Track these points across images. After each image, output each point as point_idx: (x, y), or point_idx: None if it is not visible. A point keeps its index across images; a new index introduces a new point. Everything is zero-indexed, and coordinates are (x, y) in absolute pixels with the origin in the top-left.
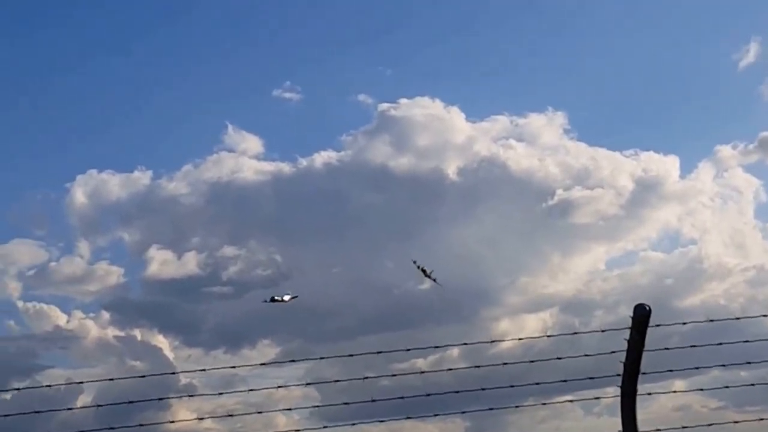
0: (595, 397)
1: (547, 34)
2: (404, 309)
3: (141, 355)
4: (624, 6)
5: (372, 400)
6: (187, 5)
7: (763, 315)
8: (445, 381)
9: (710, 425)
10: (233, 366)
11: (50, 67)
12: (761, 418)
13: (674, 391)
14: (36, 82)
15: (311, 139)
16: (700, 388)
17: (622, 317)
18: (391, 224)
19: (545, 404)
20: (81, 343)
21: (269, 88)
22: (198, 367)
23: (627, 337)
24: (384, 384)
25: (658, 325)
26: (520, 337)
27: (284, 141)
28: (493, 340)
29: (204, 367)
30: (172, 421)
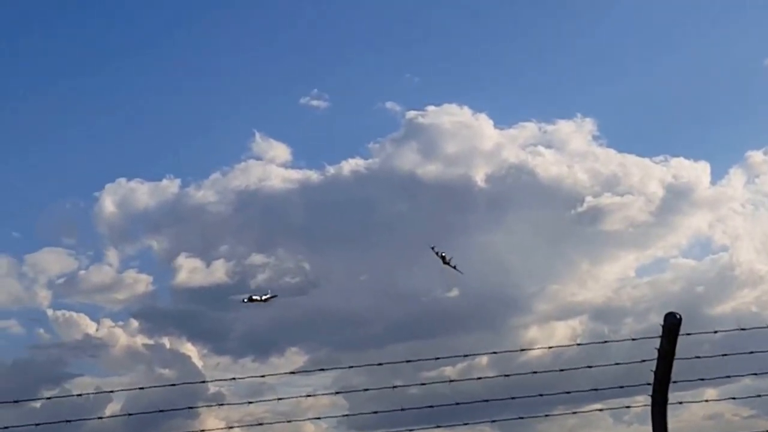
0: (626, 406)
1: (576, 40)
2: (433, 317)
3: (170, 363)
4: (653, 13)
5: (401, 409)
6: (215, 14)
7: None
8: (474, 389)
9: None
10: (261, 375)
11: (79, 77)
12: None
13: (706, 400)
14: (65, 92)
15: (339, 146)
16: (732, 397)
17: (653, 325)
18: (419, 232)
19: (575, 413)
20: (110, 351)
21: (297, 96)
22: (226, 376)
23: (657, 346)
24: (413, 392)
25: (688, 333)
26: (549, 346)
27: (312, 149)
28: (522, 348)
29: (233, 376)
30: (202, 431)
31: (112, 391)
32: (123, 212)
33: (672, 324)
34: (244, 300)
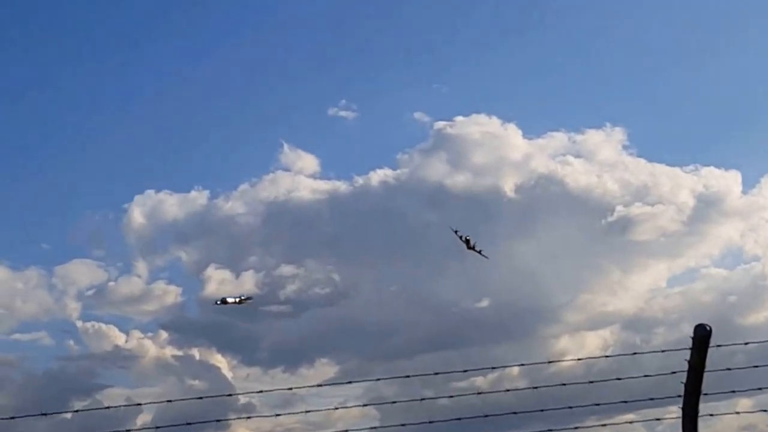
0: (656, 418)
1: (604, 49)
2: (463, 327)
3: (200, 374)
4: (682, 22)
5: (429, 422)
6: (243, 27)
7: None
8: (504, 400)
9: None
10: (289, 388)
11: (107, 89)
12: None
13: (737, 412)
14: (94, 105)
15: (367, 157)
16: (764, 410)
17: (685, 335)
18: (448, 242)
19: (605, 425)
20: (140, 362)
21: (325, 107)
22: (256, 388)
23: (687, 358)
24: (443, 403)
25: (719, 345)
26: (578, 358)
27: (340, 159)
28: (550, 360)
29: (260, 389)
30: None
31: (139, 404)
32: (152, 224)
33: (702, 336)
34: (217, 302)
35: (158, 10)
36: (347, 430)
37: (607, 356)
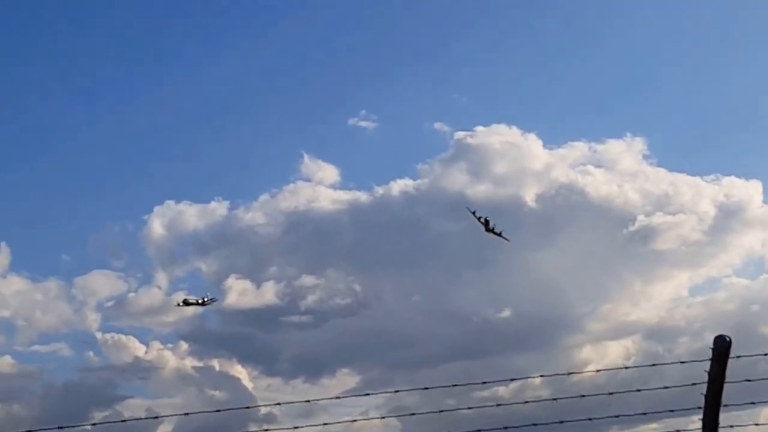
0: (677, 430)
1: (623, 59)
2: (484, 337)
3: (220, 385)
4: (703, 31)
5: None
6: (261, 37)
7: None
8: (526, 410)
9: None
10: (307, 400)
11: (129, 101)
12: None
13: (756, 424)
14: (114, 118)
15: (387, 167)
16: None
17: (708, 344)
18: (469, 252)
19: None
20: (160, 373)
21: (345, 117)
22: (276, 398)
23: (707, 369)
24: (465, 413)
25: (739, 356)
26: (597, 369)
27: (360, 170)
28: (570, 372)
29: (281, 400)
30: None
31: (156, 417)
32: (172, 234)
33: (722, 347)
34: (179, 304)
35: (183, 22)
36: None
37: (627, 367)
